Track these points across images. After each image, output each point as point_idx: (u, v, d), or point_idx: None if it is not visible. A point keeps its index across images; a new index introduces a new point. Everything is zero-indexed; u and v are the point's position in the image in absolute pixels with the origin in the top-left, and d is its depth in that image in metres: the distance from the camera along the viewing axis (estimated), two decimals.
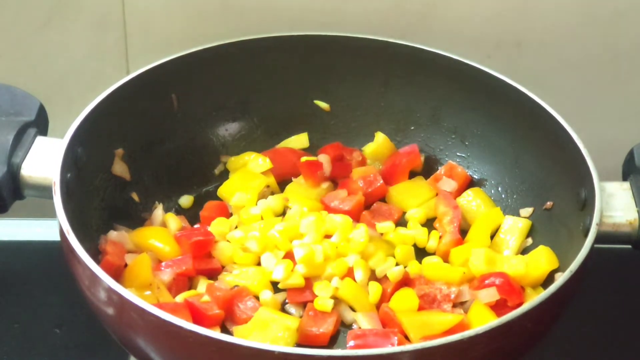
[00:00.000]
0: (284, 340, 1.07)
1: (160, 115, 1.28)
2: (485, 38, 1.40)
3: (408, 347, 0.93)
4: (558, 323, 1.06)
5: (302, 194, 1.28)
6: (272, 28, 1.33)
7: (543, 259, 1.16)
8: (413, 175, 1.33)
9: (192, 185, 1.31)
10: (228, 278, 1.17)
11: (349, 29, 1.32)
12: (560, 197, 1.21)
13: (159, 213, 1.24)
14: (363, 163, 1.33)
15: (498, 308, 1.12)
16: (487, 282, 1.13)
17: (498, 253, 1.20)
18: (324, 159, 1.31)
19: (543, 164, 1.24)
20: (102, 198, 1.20)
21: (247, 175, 1.30)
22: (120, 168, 1.23)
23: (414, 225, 1.25)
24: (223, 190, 1.29)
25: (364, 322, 1.13)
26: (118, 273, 1.13)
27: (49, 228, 1.23)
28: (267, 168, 1.30)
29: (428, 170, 1.34)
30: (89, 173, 1.18)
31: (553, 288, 0.99)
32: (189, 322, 0.95)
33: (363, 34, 1.31)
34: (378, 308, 1.14)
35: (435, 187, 1.31)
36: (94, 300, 1.02)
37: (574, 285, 1.02)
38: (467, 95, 1.30)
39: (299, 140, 1.36)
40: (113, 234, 1.17)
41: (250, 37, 1.30)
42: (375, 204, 1.29)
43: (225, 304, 1.12)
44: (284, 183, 1.31)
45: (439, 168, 1.33)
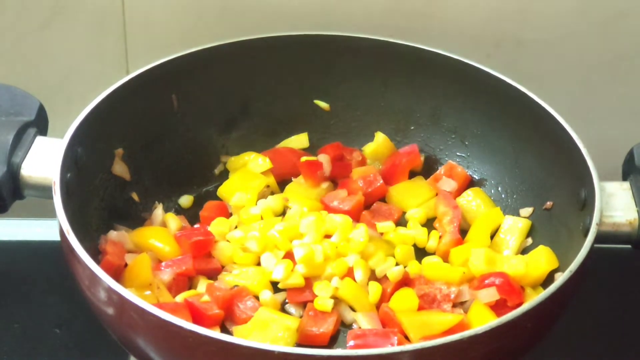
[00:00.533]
0: (284, 340, 1.07)
1: (160, 115, 1.28)
2: (485, 37, 1.40)
3: (408, 347, 0.93)
4: (558, 323, 1.06)
5: (302, 194, 1.28)
6: (272, 28, 1.33)
7: (543, 259, 1.16)
8: (413, 175, 1.33)
9: (192, 185, 1.31)
10: (228, 278, 1.17)
11: (349, 29, 1.32)
12: (560, 197, 1.21)
13: (159, 213, 1.24)
14: (363, 163, 1.33)
15: (498, 308, 1.12)
16: (487, 282, 1.13)
17: (498, 253, 1.20)
18: (324, 159, 1.31)
19: (543, 164, 1.24)
20: (102, 198, 1.20)
21: (247, 175, 1.30)
22: (120, 168, 1.23)
23: (414, 225, 1.25)
24: (223, 190, 1.29)
25: (364, 322, 1.13)
26: (118, 273, 1.13)
27: (49, 228, 1.24)
28: (267, 168, 1.30)
29: (428, 170, 1.34)
30: (89, 173, 1.18)
31: (553, 288, 0.99)
32: (189, 322, 0.95)
33: (363, 34, 1.31)
34: (378, 308, 1.14)
35: (435, 187, 1.31)
36: (94, 300, 1.02)
37: (574, 285, 1.02)
38: (467, 95, 1.30)
39: (299, 140, 1.36)
40: (113, 234, 1.17)
41: (250, 37, 1.30)
42: (375, 204, 1.29)
43: (225, 304, 1.11)
44: (284, 183, 1.31)
45: (439, 168, 1.33)
